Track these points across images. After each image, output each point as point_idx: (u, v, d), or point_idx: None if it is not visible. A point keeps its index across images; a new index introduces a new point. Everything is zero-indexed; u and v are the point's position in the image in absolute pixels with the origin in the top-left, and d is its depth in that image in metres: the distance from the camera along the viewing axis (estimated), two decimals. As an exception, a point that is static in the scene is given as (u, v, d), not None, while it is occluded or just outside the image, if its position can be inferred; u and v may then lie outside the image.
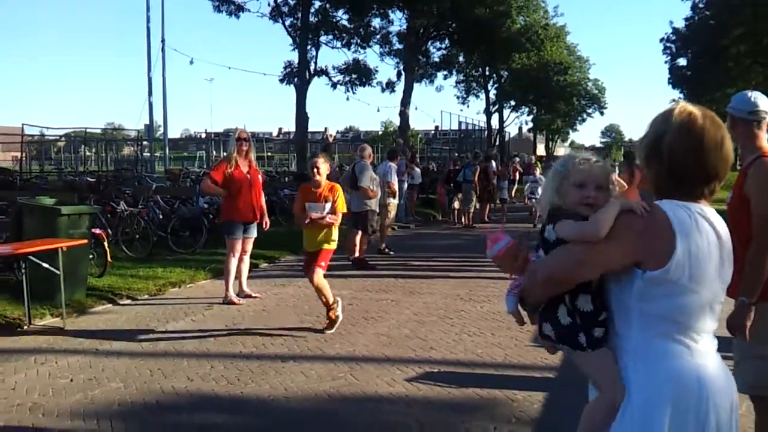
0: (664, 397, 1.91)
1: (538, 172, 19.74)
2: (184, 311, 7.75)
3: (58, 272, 7.01)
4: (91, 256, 8.91)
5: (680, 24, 38.44)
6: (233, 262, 8.13)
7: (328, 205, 6.77)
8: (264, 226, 8.58)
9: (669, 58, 40.54)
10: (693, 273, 1.93)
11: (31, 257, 6.92)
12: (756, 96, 3.39)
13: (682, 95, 43.29)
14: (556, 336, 2.08)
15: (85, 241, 7.98)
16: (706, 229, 1.98)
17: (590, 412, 2.08)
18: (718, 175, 2.02)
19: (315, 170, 6.90)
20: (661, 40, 40.04)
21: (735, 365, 3.42)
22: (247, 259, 8.46)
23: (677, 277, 1.92)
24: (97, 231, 9.19)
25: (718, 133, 2.02)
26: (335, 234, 6.89)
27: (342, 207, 6.93)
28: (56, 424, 4.53)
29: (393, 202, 12.74)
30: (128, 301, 8.32)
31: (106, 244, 9.23)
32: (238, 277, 8.36)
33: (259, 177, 8.45)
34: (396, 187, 12.82)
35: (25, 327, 6.96)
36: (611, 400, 1.99)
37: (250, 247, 8.42)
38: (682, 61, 40.24)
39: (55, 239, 7.47)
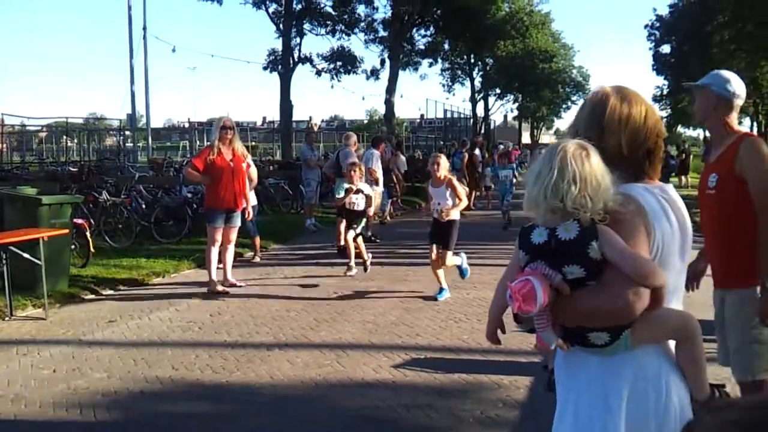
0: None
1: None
2: (168, 301, 7.68)
3: (39, 262, 6.92)
4: (73, 247, 8.82)
5: (664, 11, 38.61)
6: (214, 251, 8.07)
7: None
8: (246, 216, 8.52)
9: (653, 44, 40.73)
10: (662, 260, 1.88)
11: (11, 247, 6.82)
12: (732, 78, 3.32)
13: (666, 82, 43.61)
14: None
15: (67, 231, 7.88)
16: (669, 212, 1.94)
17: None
18: (631, 151, 1.95)
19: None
20: (645, 26, 40.21)
21: (733, 352, 3.38)
22: (231, 248, 8.39)
23: None
24: (80, 221, 9.10)
25: (623, 109, 1.96)
26: None
27: None
28: (39, 415, 4.48)
29: (377, 190, 12.65)
30: (111, 292, 8.24)
31: (88, 234, 9.14)
32: (222, 266, 8.30)
33: (244, 166, 8.37)
34: (379, 174, 12.71)
35: (7, 318, 6.88)
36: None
37: (234, 236, 8.35)
38: (666, 48, 40.42)
39: (36, 229, 7.38)
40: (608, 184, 1.80)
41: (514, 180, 15.43)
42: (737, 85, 3.32)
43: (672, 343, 1.96)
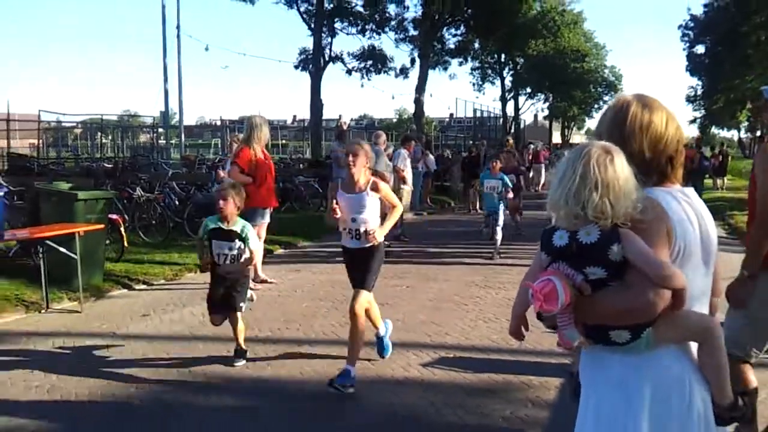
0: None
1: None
2: (200, 296, 7.72)
3: (75, 257, 7.05)
4: (108, 242, 8.96)
5: (699, 11, 38.06)
6: (261, 246, 8.08)
7: None
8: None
9: (687, 45, 40.17)
10: (684, 262, 1.90)
11: (48, 241, 6.97)
12: None
13: (700, 82, 42.98)
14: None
15: (102, 225, 8.03)
16: (690, 214, 1.96)
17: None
18: (652, 155, 1.97)
19: None
20: (679, 27, 39.69)
21: None
22: (261, 244, 8.46)
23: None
24: (114, 216, 9.22)
25: (644, 117, 1.98)
26: None
27: None
28: (74, 406, 4.57)
29: (406, 189, 12.60)
30: (144, 286, 8.37)
31: (122, 229, 9.26)
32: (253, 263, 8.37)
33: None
34: (406, 173, 12.65)
35: (43, 311, 7.02)
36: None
37: (264, 232, 8.43)
38: (700, 49, 39.85)
39: (72, 224, 7.52)
40: (631, 189, 1.81)
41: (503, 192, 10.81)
42: None
43: (695, 347, 1.97)
